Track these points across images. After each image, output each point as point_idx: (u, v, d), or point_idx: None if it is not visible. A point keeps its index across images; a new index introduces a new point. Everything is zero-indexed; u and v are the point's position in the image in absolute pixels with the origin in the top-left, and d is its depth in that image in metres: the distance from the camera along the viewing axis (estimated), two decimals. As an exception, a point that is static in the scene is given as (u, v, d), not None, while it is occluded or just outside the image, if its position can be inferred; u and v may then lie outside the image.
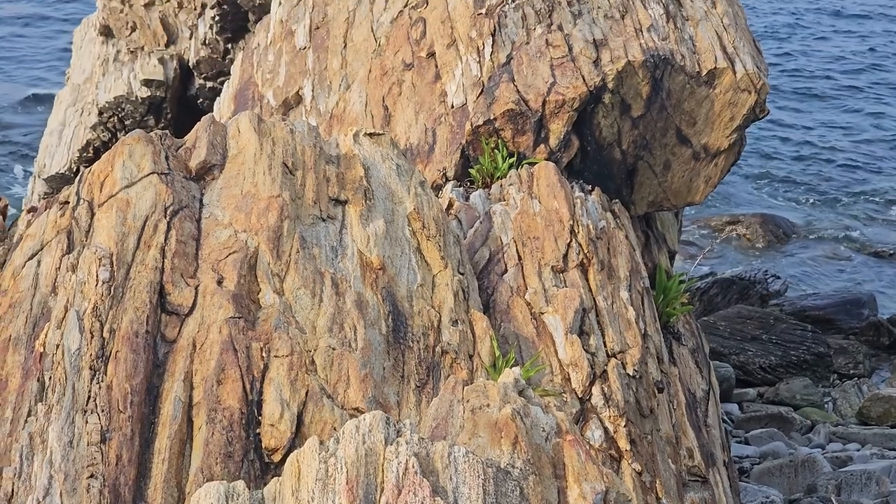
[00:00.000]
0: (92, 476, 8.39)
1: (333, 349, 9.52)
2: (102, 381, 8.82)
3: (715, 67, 14.71)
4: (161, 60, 25.74)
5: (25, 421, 8.73)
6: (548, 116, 14.19)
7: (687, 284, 15.22)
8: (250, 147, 10.66)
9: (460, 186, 13.89)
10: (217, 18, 24.76)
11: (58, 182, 25.20)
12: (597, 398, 11.18)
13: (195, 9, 26.09)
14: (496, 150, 14.15)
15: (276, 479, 7.63)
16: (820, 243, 30.82)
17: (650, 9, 15.14)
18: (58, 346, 9.01)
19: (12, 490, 8.43)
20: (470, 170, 14.18)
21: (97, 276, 9.35)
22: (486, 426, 8.05)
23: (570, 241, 12.38)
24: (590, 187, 14.07)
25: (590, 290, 12.14)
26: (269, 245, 9.96)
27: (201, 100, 25.79)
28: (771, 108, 15.66)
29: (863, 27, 41.04)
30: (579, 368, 11.22)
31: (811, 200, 32.51)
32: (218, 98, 19.60)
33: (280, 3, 19.02)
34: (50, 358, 8.98)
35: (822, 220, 31.87)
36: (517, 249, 12.30)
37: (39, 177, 25.82)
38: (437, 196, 12.61)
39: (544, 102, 14.16)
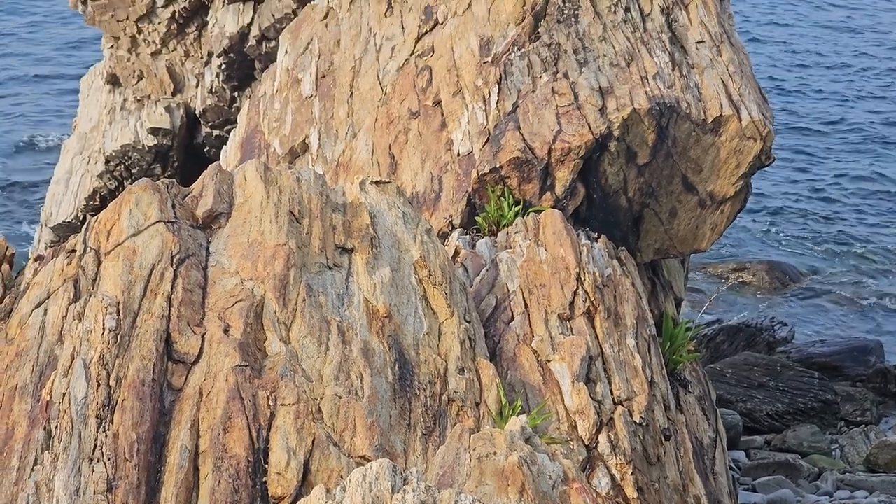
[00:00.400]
0: (98, 525, 8.37)
1: (340, 397, 9.50)
2: (109, 429, 8.81)
3: (721, 115, 14.74)
4: (168, 109, 25.84)
5: (32, 469, 8.72)
6: (554, 164, 14.21)
7: (693, 331, 15.19)
8: (257, 195, 10.68)
9: (466, 234, 13.90)
10: (223, 67, 24.86)
11: (64, 230, 25.24)
12: (603, 446, 11.15)
13: (202, 57, 26.21)
14: (502, 198, 14.17)
15: (282, 527, 7.61)
16: (826, 290, 30.78)
17: (656, 57, 15.19)
18: (64, 394, 9.01)
19: (18, 539, 8.41)
20: (476, 217, 14.19)
21: (104, 325, 9.36)
22: (493, 474, 8.03)
23: (577, 288, 12.38)
24: (596, 235, 14.08)
25: (596, 337, 12.13)
26: (275, 293, 9.96)
27: (208, 148, 25.86)
28: (777, 155, 15.68)
29: (873, 71, 41.22)
30: (586, 416, 11.20)
31: (817, 247, 32.52)
32: (224, 146, 19.66)
33: (286, 52, 19.10)
34: (56, 406, 8.97)
35: (829, 267, 31.84)
36: (524, 297, 12.30)
37: (46, 225, 25.87)
38: (443, 244, 12.62)
39: (550, 150, 14.19)
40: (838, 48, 42.66)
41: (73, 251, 10.26)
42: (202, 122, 25.82)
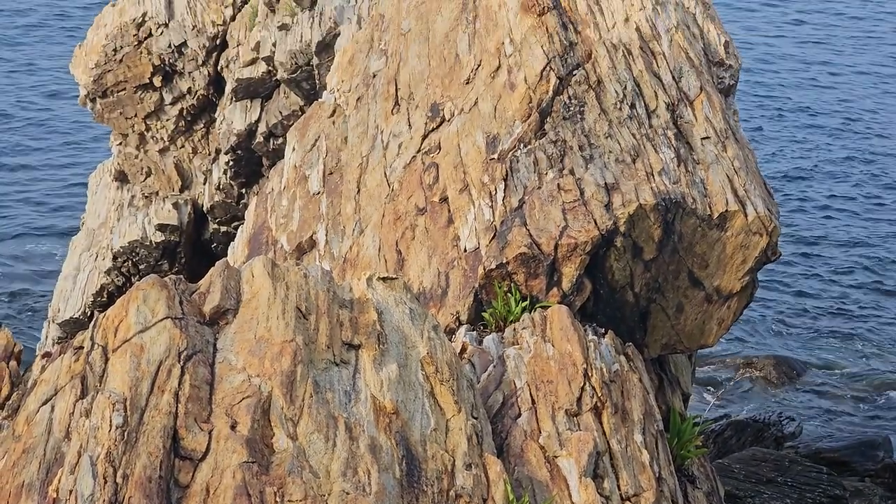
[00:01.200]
0: None
1: (347, 493, 9.47)
2: (115, 527, 8.77)
3: (726, 210, 14.79)
4: (175, 205, 25.98)
5: (37, 568, 8.68)
6: (560, 260, 14.25)
7: (701, 427, 15.14)
8: (264, 291, 10.71)
9: (473, 330, 13.91)
10: (231, 163, 25.03)
11: (72, 327, 25.28)
12: (612, 543, 11.09)
13: (209, 154, 26.39)
14: (509, 294, 14.20)
15: None
16: (834, 384, 30.70)
17: (661, 153, 15.28)
18: (71, 491, 8.98)
19: None
20: (483, 313, 14.21)
21: (111, 421, 9.35)
22: (501, 572, 7.98)
23: (584, 384, 12.36)
24: (603, 330, 14.09)
25: (604, 433, 12.10)
26: (282, 390, 9.96)
27: (215, 244, 25.97)
28: (783, 248, 15.71)
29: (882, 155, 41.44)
30: (594, 513, 11.14)
31: (824, 340, 32.48)
32: (232, 242, 19.73)
33: (294, 149, 19.23)
34: (63, 503, 8.94)
35: (836, 360, 31.77)
36: (531, 393, 12.29)
37: (54, 321, 25.91)
38: (450, 340, 12.63)
39: (556, 246, 14.23)
40: (851, 140, 42.90)
41: (81, 347, 10.28)
42: (210, 218, 25.95)
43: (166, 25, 25.52)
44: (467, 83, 16.74)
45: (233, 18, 25.74)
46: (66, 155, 37.97)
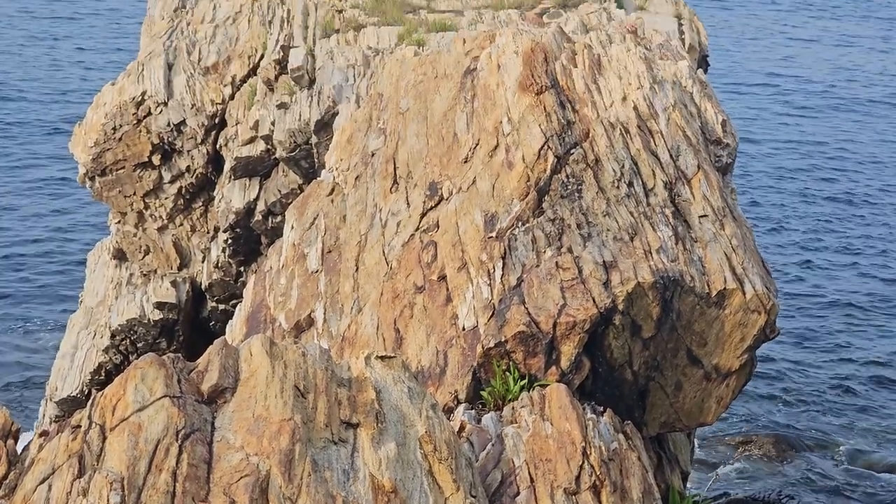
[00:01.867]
0: None
1: (345, 574, 9.40)
2: None
3: (725, 288, 14.80)
4: (174, 283, 25.98)
5: None
6: (559, 338, 14.24)
7: (701, 506, 15.06)
8: (262, 370, 10.69)
9: (472, 409, 13.87)
10: (230, 241, 25.06)
11: (69, 405, 25.19)
12: None
13: (208, 232, 26.42)
14: (507, 373, 14.17)
15: None
16: (833, 463, 30.58)
17: (659, 231, 15.31)
18: (67, 572, 8.92)
19: None
20: (481, 392, 14.17)
21: (108, 501, 9.31)
22: None
23: (583, 462, 12.32)
24: (602, 408, 14.05)
25: (603, 512, 12.04)
26: (280, 468, 9.92)
27: (214, 322, 25.93)
28: (780, 324, 15.70)
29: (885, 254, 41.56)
30: None
31: (823, 419, 32.41)
32: (230, 320, 19.71)
33: (292, 227, 19.26)
34: (59, 584, 8.88)
35: (835, 438, 31.67)
36: (529, 472, 12.24)
37: (51, 399, 25.83)
38: (448, 419, 12.59)
39: (555, 324, 14.23)
40: (853, 225, 43.04)
41: (79, 426, 10.25)
42: (208, 296, 25.94)
43: (165, 104, 25.64)
44: (465, 162, 16.81)
45: (231, 97, 25.88)
46: (64, 231, 38.06)
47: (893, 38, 64.57)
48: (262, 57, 26.19)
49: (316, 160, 23.29)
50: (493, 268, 15.07)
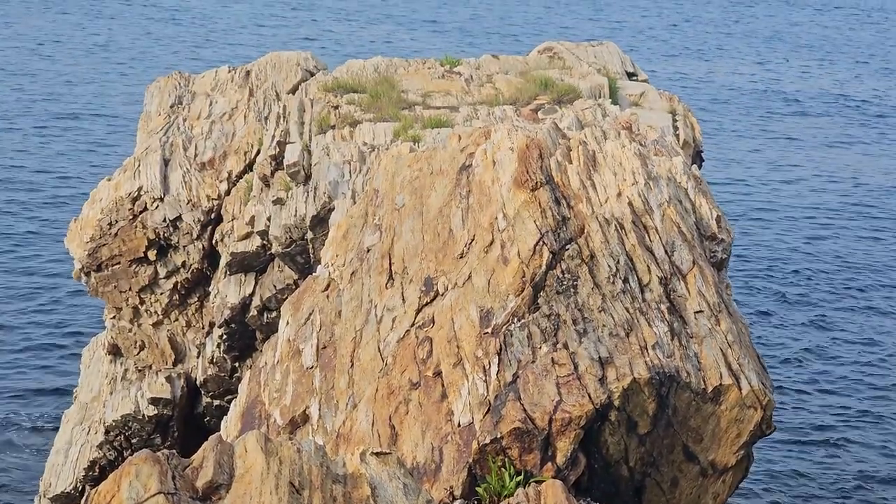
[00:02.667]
0: None
1: None
2: None
3: (720, 384, 14.80)
4: (168, 379, 25.91)
5: None
6: (554, 434, 14.20)
7: None
8: (257, 466, 10.65)
9: (468, 505, 13.81)
10: (225, 337, 25.03)
11: (64, 502, 25.02)
12: None
13: (203, 327, 26.39)
14: (503, 469, 14.11)
15: None
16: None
17: (655, 327, 15.33)
18: None
19: None
20: (477, 488, 14.10)
21: None
22: None
23: (580, 560, 12.24)
24: (598, 505, 13.99)
25: None
26: (275, 567, 9.85)
27: (208, 418, 25.83)
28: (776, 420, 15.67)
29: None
30: None
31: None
32: (225, 416, 19.65)
33: (287, 323, 19.26)
34: None
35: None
36: (526, 569, 12.15)
37: (45, 496, 25.65)
38: (444, 515, 12.51)
39: (551, 420, 14.20)
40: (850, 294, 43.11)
41: (72, 524, 10.19)
42: (203, 392, 25.85)
43: (161, 199, 25.73)
44: (461, 257, 16.86)
45: (227, 193, 25.98)
46: (59, 326, 38.04)
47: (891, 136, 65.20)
48: (258, 152, 26.33)
49: (311, 256, 23.33)
50: (489, 363, 15.06)
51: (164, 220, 25.68)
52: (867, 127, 66.46)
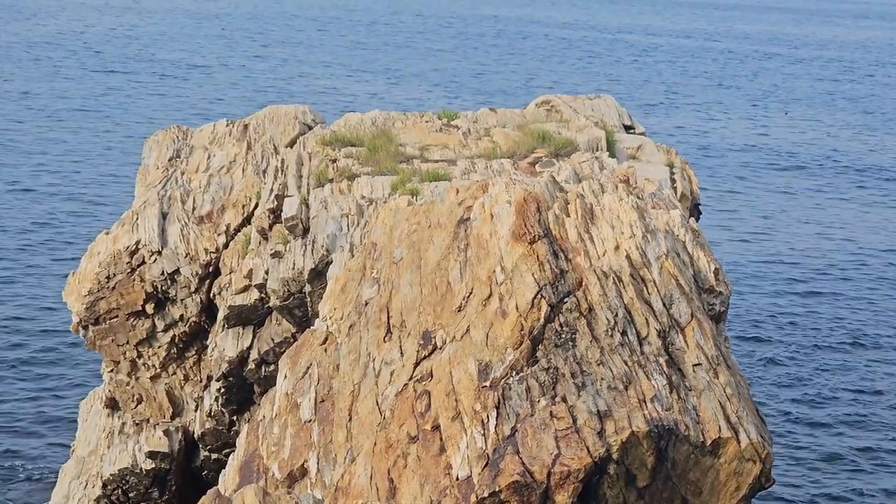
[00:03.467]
0: None
1: None
2: None
3: (719, 437, 14.79)
4: (166, 432, 25.84)
5: None
6: (553, 488, 14.18)
7: None
8: (256, 522, 10.63)
9: (466, 560, 13.76)
10: (223, 390, 24.98)
11: (60, 556, 24.93)
12: None
13: (201, 381, 26.36)
14: (502, 523, 14.08)
15: None
16: None
17: (653, 380, 15.34)
18: None
19: None
20: (476, 542, 14.07)
21: None
22: None
23: None
24: (597, 559, 13.94)
25: None
26: None
27: (206, 472, 25.74)
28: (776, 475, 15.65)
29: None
30: None
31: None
32: (223, 470, 19.59)
33: (285, 376, 19.24)
34: None
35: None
36: None
37: (42, 551, 25.55)
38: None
39: (549, 474, 14.18)
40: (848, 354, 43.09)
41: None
42: (201, 445, 25.78)
43: (159, 253, 25.76)
44: (459, 311, 16.87)
45: (226, 246, 26.01)
46: (56, 379, 37.99)
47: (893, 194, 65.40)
48: (256, 206, 26.39)
49: (309, 309, 23.32)
50: (487, 417, 15.05)
51: (162, 274, 25.70)
52: (863, 180, 66.67)
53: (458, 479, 14.67)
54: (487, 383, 15.45)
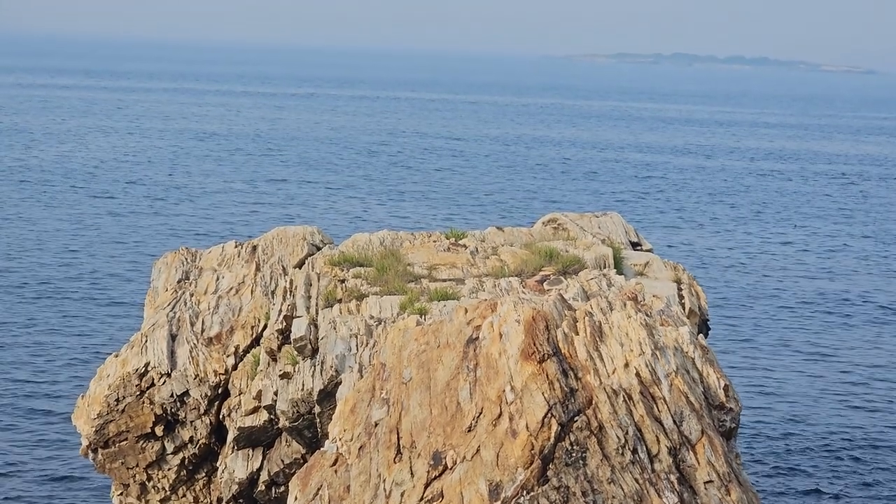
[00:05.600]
0: None
1: None
2: None
3: (732, 556, 14.69)
4: (176, 559, 25.70)
5: None
6: None
7: None
8: None
9: None
10: (232, 513, 24.87)
11: None
12: None
13: (211, 503, 26.25)
14: None
15: None
16: None
17: (665, 497, 15.27)
18: None
19: None
20: None
21: None
22: None
23: None
24: None
25: None
26: None
27: None
28: None
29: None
30: None
31: None
32: None
33: (296, 498, 19.16)
34: None
35: None
36: None
37: None
38: None
39: None
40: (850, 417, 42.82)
41: None
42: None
43: (169, 375, 25.79)
44: (469, 431, 16.85)
45: (234, 367, 26.03)
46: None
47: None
48: (264, 327, 26.45)
49: (319, 430, 23.28)
50: (500, 538, 14.97)
51: (172, 396, 25.70)
52: (866, 302, 66.72)
53: None
54: (498, 503, 15.38)
